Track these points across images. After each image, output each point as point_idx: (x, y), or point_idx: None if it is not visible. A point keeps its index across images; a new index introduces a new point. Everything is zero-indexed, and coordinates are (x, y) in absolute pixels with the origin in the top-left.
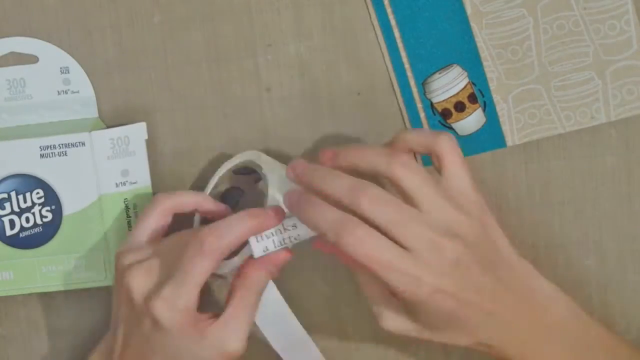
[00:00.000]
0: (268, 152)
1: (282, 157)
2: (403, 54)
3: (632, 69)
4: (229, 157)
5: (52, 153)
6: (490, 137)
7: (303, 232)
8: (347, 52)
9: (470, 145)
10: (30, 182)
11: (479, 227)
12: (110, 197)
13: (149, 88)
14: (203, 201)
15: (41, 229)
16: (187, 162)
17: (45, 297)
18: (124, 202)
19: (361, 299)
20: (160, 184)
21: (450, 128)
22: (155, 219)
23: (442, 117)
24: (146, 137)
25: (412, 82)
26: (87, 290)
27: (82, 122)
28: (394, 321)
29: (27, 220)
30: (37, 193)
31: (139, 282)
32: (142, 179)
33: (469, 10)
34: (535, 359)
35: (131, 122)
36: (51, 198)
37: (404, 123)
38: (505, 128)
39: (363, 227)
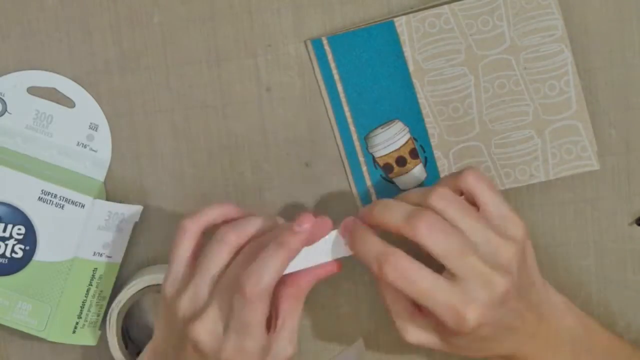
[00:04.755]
0: (268, 152)
1: (282, 157)
2: (346, 108)
3: (571, 129)
4: (229, 156)
5: (50, 201)
6: None
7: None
8: None
9: None
10: (17, 216)
11: (521, 253)
12: (83, 263)
13: (149, 88)
14: (229, 212)
15: (7, 262)
16: (187, 162)
17: None
18: (93, 271)
19: (361, 299)
20: (160, 184)
21: (392, 182)
22: (188, 245)
23: (384, 171)
24: (137, 221)
25: (354, 137)
26: None
27: (87, 182)
28: (418, 336)
29: None
30: (19, 229)
31: (205, 337)
32: (116, 256)
33: (411, 67)
34: None
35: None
36: (29, 239)
37: (347, 176)
38: None
39: (405, 260)
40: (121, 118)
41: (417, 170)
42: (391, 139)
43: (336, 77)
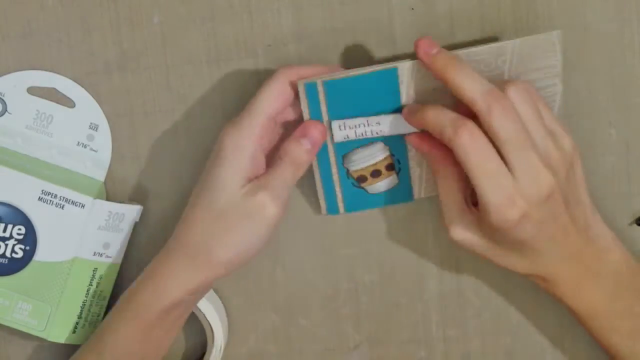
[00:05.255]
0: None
1: None
2: (328, 140)
3: None
4: None
5: (50, 201)
6: (399, 194)
7: (386, 129)
8: (347, 52)
9: (377, 198)
10: (18, 216)
11: (569, 164)
12: (83, 263)
13: (149, 88)
14: (330, 70)
15: (7, 262)
16: (187, 162)
17: None
18: (93, 271)
19: (361, 299)
20: (160, 184)
21: (362, 188)
22: (278, 86)
23: (357, 181)
24: (137, 220)
25: (332, 160)
26: None
27: (87, 182)
28: (463, 234)
29: None
30: (19, 229)
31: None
32: (117, 257)
33: (403, 99)
34: (583, 298)
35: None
36: (30, 239)
37: (315, 181)
38: (415, 187)
39: (481, 134)
40: (121, 118)
41: (390, 180)
42: (369, 156)
43: (325, 116)
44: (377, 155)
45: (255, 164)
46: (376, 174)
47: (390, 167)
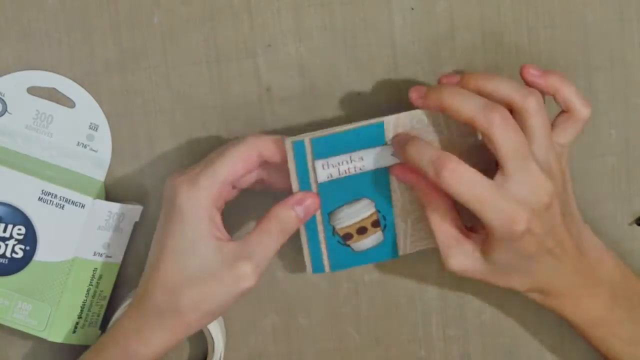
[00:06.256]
0: None
1: None
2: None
3: None
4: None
5: (50, 201)
6: (384, 250)
7: (369, 163)
8: (347, 52)
9: (362, 256)
10: (17, 216)
11: (563, 181)
12: (83, 263)
13: (149, 88)
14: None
15: (7, 262)
16: (187, 162)
17: None
18: (93, 271)
19: (361, 299)
20: (160, 184)
21: (347, 246)
22: (245, 153)
23: (342, 239)
24: (137, 220)
25: (318, 218)
26: None
27: (87, 181)
28: (461, 265)
29: None
30: (19, 229)
31: (176, 175)
32: (117, 256)
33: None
34: (582, 308)
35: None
36: (30, 239)
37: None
38: (400, 243)
39: (461, 165)
40: (121, 118)
41: (376, 237)
42: (355, 213)
43: (311, 173)
44: (363, 212)
45: (214, 225)
46: (362, 230)
47: (375, 224)
